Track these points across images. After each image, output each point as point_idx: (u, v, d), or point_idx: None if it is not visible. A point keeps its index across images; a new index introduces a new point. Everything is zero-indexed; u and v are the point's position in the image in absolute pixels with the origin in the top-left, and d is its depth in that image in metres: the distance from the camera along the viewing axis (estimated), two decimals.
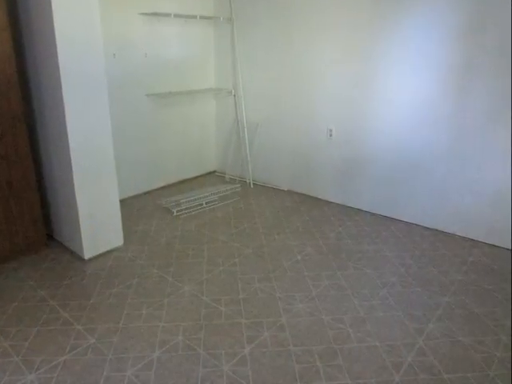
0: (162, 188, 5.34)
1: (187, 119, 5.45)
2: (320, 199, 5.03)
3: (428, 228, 4.27)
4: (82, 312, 2.92)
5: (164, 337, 2.68)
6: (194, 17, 5.01)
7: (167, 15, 4.70)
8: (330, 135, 4.73)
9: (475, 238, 4.03)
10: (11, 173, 3.36)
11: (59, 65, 3.04)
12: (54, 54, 3.04)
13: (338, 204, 4.89)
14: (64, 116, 3.17)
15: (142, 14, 4.58)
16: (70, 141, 3.22)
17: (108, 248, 3.73)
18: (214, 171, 6.04)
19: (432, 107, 3.96)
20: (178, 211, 4.56)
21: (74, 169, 3.30)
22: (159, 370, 2.41)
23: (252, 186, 5.49)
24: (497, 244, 3.93)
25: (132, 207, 4.72)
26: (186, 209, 4.64)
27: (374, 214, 4.60)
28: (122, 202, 4.55)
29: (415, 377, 2.38)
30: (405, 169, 4.28)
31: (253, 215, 4.57)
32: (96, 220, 3.56)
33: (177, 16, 4.82)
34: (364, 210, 4.71)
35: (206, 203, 4.79)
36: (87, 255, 3.58)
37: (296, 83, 4.88)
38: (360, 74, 4.34)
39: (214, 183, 5.52)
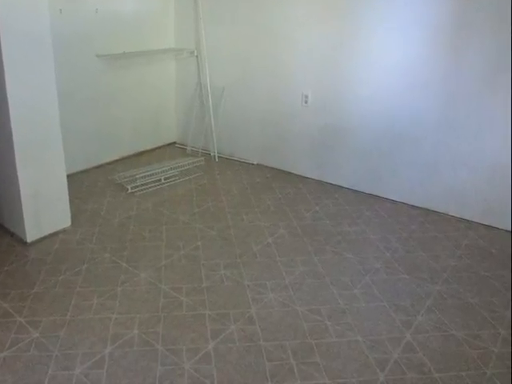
0: (115, 161, 5.26)
1: (144, 83, 5.36)
2: (294, 174, 5.02)
3: (417, 207, 4.30)
4: (23, 302, 2.88)
5: (117, 330, 2.66)
6: None
7: None
8: (306, 102, 4.71)
9: (470, 219, 4.07)
10: None
11: None
12: None
13: (314, 180, 4.89)
14: (4, 81, 3.09)
15: None
16: (10, 109, 3.16)
17: (54, 230, 3.68)
18: (174, 142, 5.98)
19: (421, 70, 3.95)
20: (132, 188, 4.50)
21: (15, 141, 3.24)
22: (112, 368, 2.39)
23: (217, 159, 5.45)
24: (495, 225, 3.96)
25: (81, 183, 4.64)
26: (142, 185, 4.58)
27: (355, 191, 4.62)
28: (70, 177, 4.42)
29: (402, 376, 2.40)
30: (390, 140, 4.28)
31: (218, 192, 4.54)
32: (40, 198, 3.50)
33: None
34: (344, 186, 4.71)
35: (165, 179, 4.74)
36: (30, 238, 3.53)
37: (267, 43, 4.81)
38: (340, 33, 4.29)
39: (174, 156, 5.46)
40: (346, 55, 4.31)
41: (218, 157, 5.48)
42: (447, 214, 4.15)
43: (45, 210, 3.56)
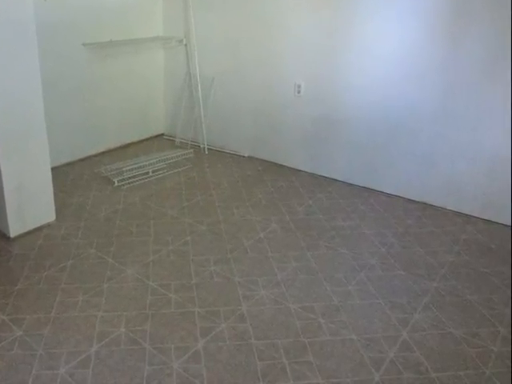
0: (102, 154, 5.23)
1: (131, 73, 5.32)
2: (286, 167, 5.01)
3: (413, 201, 4.29)
4: (6, 299, 2.86)
5: (103, 328, 2.65)
6: None
7: None
8: (299, 92, 4.69)
9: (469, 213, 4.06)
10: None
11: None
12: None
13: (307, 173, 4.88)
14: None
15: None
16: None
17: (38, 224, 3.66)
18: (162, 134, 5.95)
19: (418, 59, 3.94)
20: (119, 181, 4.48)
21: None
22: (98, 368, 2.38)
23: (207, 151, 5.43)
24: (494, 219, 3.96)
25: (66, 176, 4.61)
26: (129, 178, 4.56)
27: (349, 185, 4.62)
28: (55, 170, 4.41)
29: (398, 375, 2.40)
30: (386, 131, 4.27)
31: (208, 186, 4.53)
32: (24, 192, 3.47)
33: None
34: (338, 179, 4.70)
35: (153, 172, 4.73)
36: (13, 233, 3.51)
37: (258, 30, 4.78)
38: (334, 21, 4.26)
39: (162, 148, 5.43)
40: (340, 44, 4.29)
41: (208, 149, 5.45)
42: (445, 208, 4.15)
43: (28, 203, 3.54)
